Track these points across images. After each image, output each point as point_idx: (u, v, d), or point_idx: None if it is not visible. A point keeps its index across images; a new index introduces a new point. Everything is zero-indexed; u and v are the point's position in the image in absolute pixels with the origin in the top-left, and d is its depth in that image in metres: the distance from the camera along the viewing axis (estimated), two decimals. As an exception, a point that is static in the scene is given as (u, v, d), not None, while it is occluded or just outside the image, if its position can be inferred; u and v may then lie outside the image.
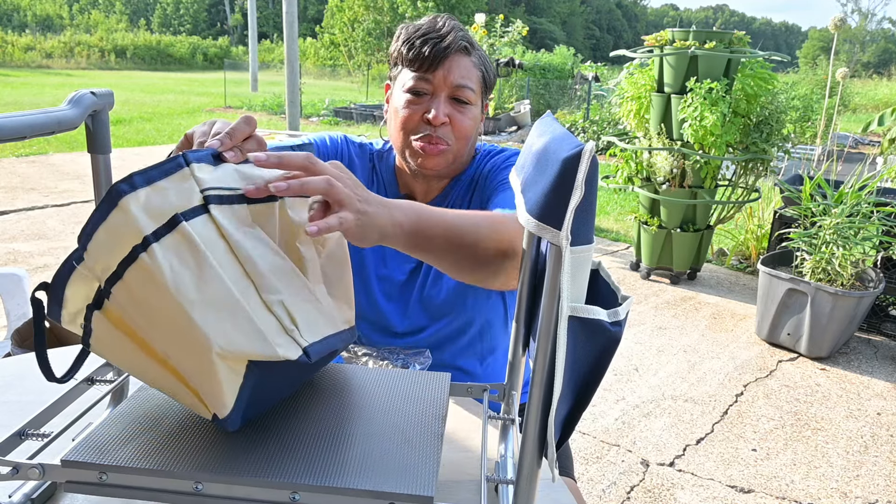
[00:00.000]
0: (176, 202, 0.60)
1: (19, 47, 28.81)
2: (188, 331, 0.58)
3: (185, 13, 54.82)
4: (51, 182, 6.10)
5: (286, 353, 0.61)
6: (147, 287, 0.58)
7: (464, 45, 1.07)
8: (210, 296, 0.58)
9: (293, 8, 7.90)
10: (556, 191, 0.50)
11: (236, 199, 0.64)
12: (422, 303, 1.17)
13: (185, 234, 0.59)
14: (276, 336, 0.61)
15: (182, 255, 0.58)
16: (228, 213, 0.63)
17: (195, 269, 0.58)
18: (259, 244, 0.64)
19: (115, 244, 0.59)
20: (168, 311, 0.58)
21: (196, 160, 0.63)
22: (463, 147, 1.11)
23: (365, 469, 0.61)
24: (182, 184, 0.61)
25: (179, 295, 0.57)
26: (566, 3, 55.78)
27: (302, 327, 0.64)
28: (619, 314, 0.51)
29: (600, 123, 9.64)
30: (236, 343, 0.59)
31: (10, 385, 0.99)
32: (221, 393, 0.60)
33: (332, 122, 12.32)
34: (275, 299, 0.62)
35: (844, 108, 13.96)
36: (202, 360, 0.59)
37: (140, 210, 0.58)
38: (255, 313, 0.60)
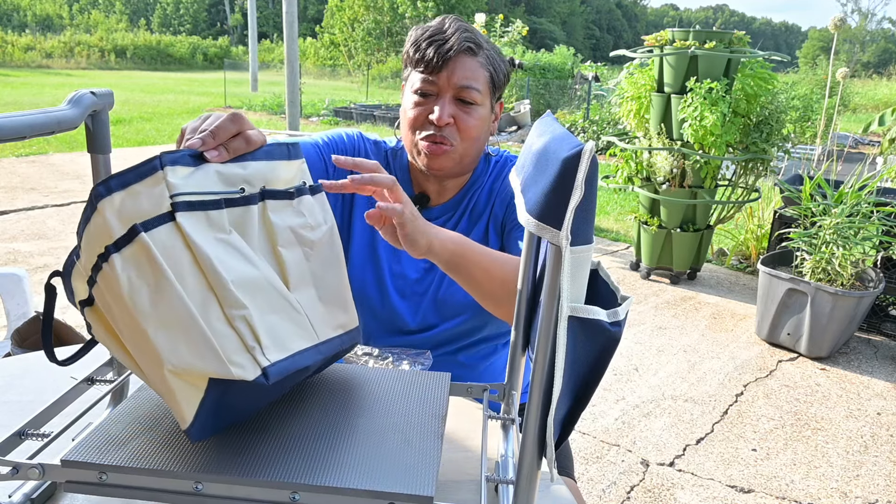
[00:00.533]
0: (146, 208, 0.59)
1: (19, 47, 28.79)
2: (145, 344, 0.58)
3: (185, 13, 54.82)
4: (51, 182, 6.10)
5: (242, 373, 0.59)
6: (111, 296, 0.59)
7: (468, 46, 1.08)
8: (165, 312, 0.57)
9: (293, 8, 7.89)
10: (555, 191, 0.50)
11: (211, 204, 0.62)
12: (436, 302, 1.17)
13: (143, 246, 0.57)
14: (234, 354, 0.59)
15: (141, 267, 0.57)
16: (200, 220, 0.61)
17: (152, 283, 0.57)
18: (230, 253, 0.62)
19: (92, 248, 0.59)
20: (128, 322, 0.58)
21: (171, 162, 0.61)
22: (470, 147, 1.12)
23: (365, 469, 0.61)
24: (154, 188, 0.59)
25: (135, 309, 0.57)
26: (566, 3, 55.77)
27: (266, 344, 0.61)
28: (618, 314, 0.51)
29: (600, 123, 9.63)
30: (188, 362, 0.57)
31: (10, 385, 0.99)
32: (179, 408, 0.59)
33: (332, 121, 12.32)
34: (238, 314, 0.60)
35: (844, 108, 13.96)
36: (159, 374, 0.58)
37: (113, 215, 0.58)
38: (215, 330, 0.59)
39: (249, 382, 0.59)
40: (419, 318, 1.19)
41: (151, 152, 7.92)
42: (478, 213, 1.18)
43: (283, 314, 0.65)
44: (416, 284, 1.18)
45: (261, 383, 0.60)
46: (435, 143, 1.09)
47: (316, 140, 1.15)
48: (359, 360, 1.06)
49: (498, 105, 1.18)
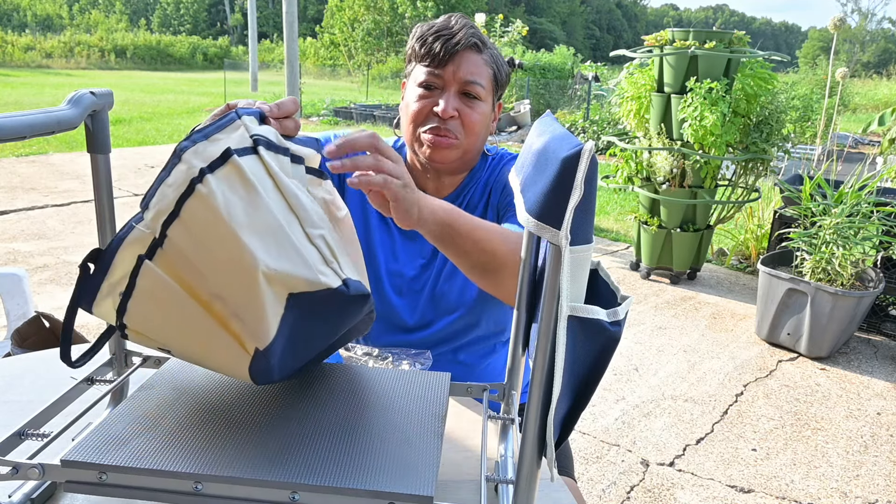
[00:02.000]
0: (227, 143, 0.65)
1: (19, 47, 28.79)
2: (237, 254, 0.61)
3: (185, 13, 54.81)
4: (51, 182, 6.10)
5: (328, 280, 0.63)
6: (202, 217, 0.61)
7: (474, 42, 1.09)
8: (259, 221, 0.62)
9: (293, 8, 7.90)
10: (555, 190, 0.50)
11: (282, 149, 0.69)
12: (433, 298, 1.17)
13: (236, 166, 0.63)
14: (319, 265, 0.64)
15: (233, 184, 0.63)
16: (275, 158, 0.67)
17: (245, 197, 0.62)
18: (301, 190, 0.68)
19: (175, 189, 0.63)
20: (220, 237, 0.61)
21: (246, 114, 0.69)
22: (473, 142, 1.12)
23: (365, 469, 0.61)
24: (234, 133, 0.66)
25: (231, 219, 0.61)
26: (566, 3, 55.78)
27: (342, 262, 0.67)
28: (618, 314, 0.51)
29: (600, 123, 9.63)
30: (282, 265, 0.62)
31: (10, 385, 0.99)
32: (265, 317, 0.62)
33: (332, 121, 12.32)
34: (317, 233, 0.66)
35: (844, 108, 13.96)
36: (249, 281, 0.61)
37: (196, 158, 0.63)
38: (301, 243, 0.64)
39: (325, 300, 0.64)
40: (417, 316, 1.19)
41: (151, 152, 7.93)
42: (472, 206, 1.18)
43: (343, 252, 0.70)
44: (413, 282, 1.18)
45: (342, 292, 0.64)
46: (439, 135, 1.09)
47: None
48: (359, 360, 1.06)
49: (497, 106, 1.18)
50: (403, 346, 1.17)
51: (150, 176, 6.61)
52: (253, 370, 0.63)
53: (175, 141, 9.04)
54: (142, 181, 6.35)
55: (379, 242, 1.18)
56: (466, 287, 1.16)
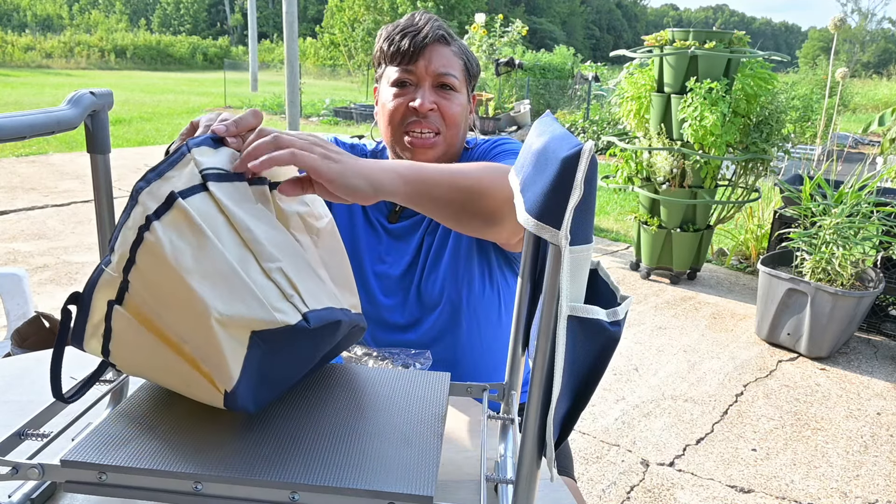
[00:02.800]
0: (179, 185, 0.63)
1: (19, 47, 28.79)
2: (190, 301, 0.60)
3: (185, 13, 54.81)
4: (51, 182, 6.10)
5: (285, 318, 0.61)
6: (153, 264, 0.61)
7: (441, 35, 1.09)
8: (208, 266, 0.60)
9: (293, 8, 7.90)
10: (555, 190, 0.50)
11: (237, 177, 0.67)
12: (419, 295, 1.18)
13: (181, 210, 0.61)
14: (276, 301, 0.62)
15: (181, 230, 0.61)
16: (229, 190, 0.65)
17: (194, 243, 0.61)
18: (261, 219, 0.66)
19: (129, 235, 0.62)
20: (171, 285, 0.60)
21: (196, 145, 0.67)
22: (454, 135, 1.12)
23: (364, 469, 0.61)
24: (184, 169, 0.65)
25: (179, 266, 0.59)
26: (566, 3, 55.78)
27: (303, 293, 0.65)
28: (618, 314, 0.52)
29: (600, 123, 9.63)
30: (234, 308, 0.60)
31: (10, 385, 0.99)
32: (225, 362, 0.60)
33: (332, 121, 12.32)
34: (274, 267, 0.63)
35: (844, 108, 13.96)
36: (204, 328, 0.60)
37: (150, 199, 0.62)
38: (255, 281, 0.62)
39: (290, 336, 0.61)
40: (407, 315, 1.19)
41: (151, 152, 7.92)
42: None
43: (310, 274, 0.68)
44: (401, 280, 1.19)
45: (302, 328, 0.62)
46: (421, 135, 1.09)
47: None
48: (359, 360, 1.06)
49: (472, 98, 1.19)
50: (400, 346, 1.17)
51: (150, 176, 6.62)
52: (228, 406, 0.63)
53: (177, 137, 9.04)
54: (142, 181, 6.35)
55: (365, 245, 1.18)
56: (447, 279, 1.16)
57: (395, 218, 1.20)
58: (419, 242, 1.18)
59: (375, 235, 1.19)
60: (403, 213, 1.20)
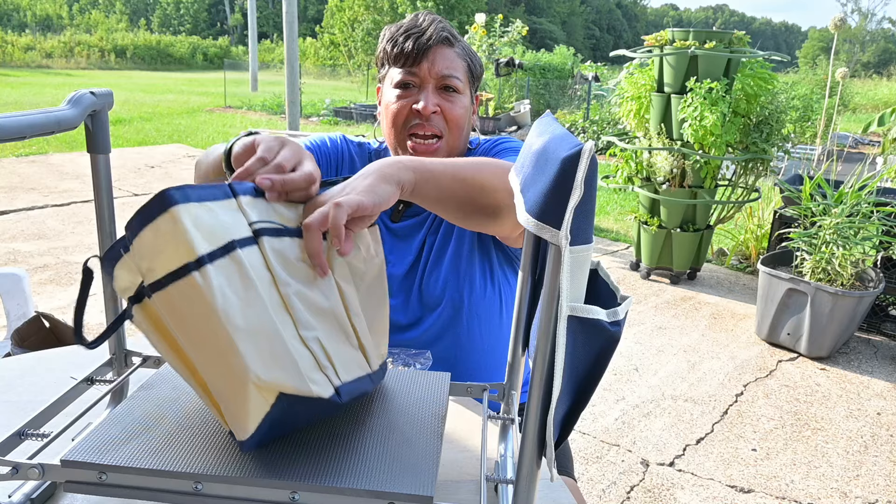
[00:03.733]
0: (229, 227, 0.60)
1: (19, 47, 28.78)
2: (228, 356, 0.57)
3: (185, 13, 54.81)
4: (51, 182, 6.10)
5: (320, 390, 0.61)
6: (192, 304, 0.57)
7: (445, 37, 1.09)
8: (254, 324, 0.58)
9: (293, 8, 7.89)
10: (555, 190, 0.50)
11: (285, 232, 0.65)
12: (420, 295, 1.18)
13: (238, 261, 0.59)
14: (312, 372, 0.61)
15: (232, 279, 0.58)
16: (278, 246, 0.63)
17: (243, 295, 0.58)
18: (304, 279, 0.64)
19: (162, 251, 0.58)
20: (210, 333, 0.57)
21: (242, 192, 0.64)
22: (457, 137, 1.13)
23: (365, 469, 0.61)
24: (230, 211, 0.62)
25: (227, 320, 0.57)
26: (566, 3, 55.77)
27: (337, 365, 0.64)
28: (618, 314, 0.52)
29: (600, 123, 9.63)
30: (274, 375, 0.58)
31: (10, 385, 0.99)
32: (246, 419, 0.59)
33: (332, 121, 12.32)
34: (311, 336, 0.62)
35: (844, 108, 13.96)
36: (236, 386, 0.58)
37: (192, 224, 0.58)
38: (294, 347, 0.60)
39: (317, 401, 0.61)
40: (409, 314, 1.19)
41: (151, 152, 7.92)
42: None
43: (344, 344, 0.67)
44: (404, 280, 1.19)
45: (334, 402, 0.62)
46: (424, 140, 1.09)
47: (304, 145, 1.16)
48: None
49: (475, 98, 1.19)
50: (400, 346, 1.17)
51: (150, 176, 6.61)
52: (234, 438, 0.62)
53: (175, 141, 9.04)
54: (142, 181, 6.35)
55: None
56: (448, 278, 1.16)
57: (398, 217, 1.20)
58: (422, 242, 1.18)
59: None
60: (406, 213, 1.20)
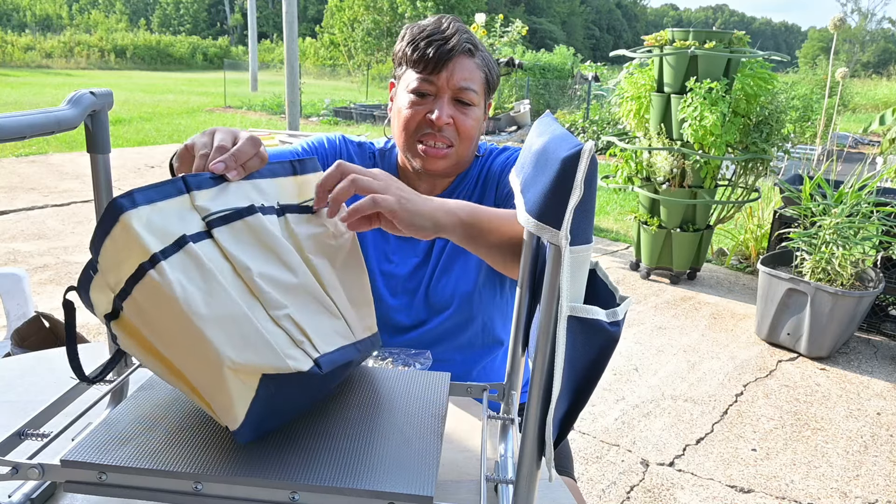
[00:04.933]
0: (178, 223, 0.61)
1: (19, 47, 28.78)
2: (199, 346, 0.58)
3: (185, 13, 54.80)
4: (51, 182, 6.10)
5: (297, 364, 0.61)
6: (156, 303, 0.58)
7: (468, 48, 1.08)
8: (219, 311, 0.59)
9: (293, 8, 7.89)
10: (555, 190, 0.50)
11: (245, 211, 0.66)
12: (427, 297, 1.17)
13: (191, 253, 0.60)
14: (287, 348, 0.61)
15: (189, 272, 0.59)
16: (232, 233, 0.64)
17: (203, 286, 0.59)
18: (267, 260, 0.65)
19: (121, 260, 0.59)
20: (178, 327, 0.58)
21: (196, 186, 0.65)
22: (466, 148, 1.12)
23: (365, 469, 0.61)
24: (182, 207, 0.63)
25: (190, 311, 0.58)
26: (566, 3, 55.76)
27: (314, 338, 0.64)
28: (617, 314, 0.52)
29: (600, 123, 9.63)
30: (247, 357, 0.59)
31: (10, 385, 0.99)
32: (232, 406, 0.60)
33: (332, 121, 12.32)
34: (281, 314, 0.63)
35: (844, 108, 13.96)
36: (213, 374, 0.59)
37: (143, 228, 0.59)
38: (266, 328, 0.61)
39: (299, 377, 0.61)
40: (413, 316, 1.19)
41: (151, 152, 7.92)
42: (465, 199, 1.18)
43: (321, 316, 0.67)
44: (408, 281, 1.18)
45: (314, 373, 0.62)
46: (434, 146, 1.09)
47: (296, 148, 1.16)
48: (359, 360, 1.06)
49: (487, 105, 1.18)
50: (400, 346, 1.17)
51: (150, 176, 6.61)
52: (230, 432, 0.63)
53: (175, 141, 9.04)
54: (141, 181, 6.35)
55: (372, 244, 1.18)
56: (459, 284, 1.16)
57: None
58: (429, 244, 1.18)
59: (382, 234, 1.18)
60: None
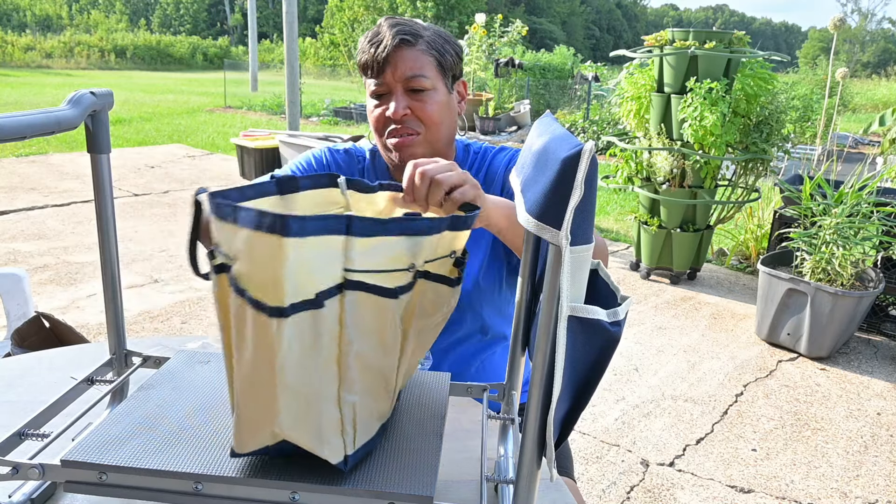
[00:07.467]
0: (322, 272, 0.56)
1: (19, 47, 28.76)
2: (264, 394, 0.58)
3: (185, 13, 54.80)
4: (51, 182, 6.10)
5: (331, 454, 0.61)
6: (257, 336, 0.56)
7: (402, 39, 1.09)
8: (300, 385, 0.57)
9: (293, 8, 7.89)
10: (555, 191, 0.50)
11: (379, 290, 0.60)
12: None
13: (316, 318, 0.57)
14: (332, 435, 0.61)
15: (304, 336, 0.56)
16: (358, 302, 0.59)
17: (306, 352, 0.57)
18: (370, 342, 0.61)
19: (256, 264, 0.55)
20: (261, 370, 0.57)
21: (360, 233, 0.57)
22: (436, 132, 1.13)
23: (365, 469, 0.61)
24: (332, 250, 0.56)
25: (281, 373, 0.56)
26: (566, 3, 55.76)
27: (359, 431, 0.63)
28: (618, 314, 0.52)
29: (600, 123, 9.63)
30: (295, 432, 0.59)
31: (10, 385, 0.99)
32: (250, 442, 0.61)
33: (331, 121, 12.32)
34: (350, 399, 0.61)
35: (844, 108, 13.96)
36: (258, 420, 0.59)
37: (292, 264, 0.54)
38: (327, 408, 0.60)
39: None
40: None
41: (151, 152, 7.92)
42: None
43: (377, 400, 0.66)
44: None
45: (338, 468, 0.62)
46: (399, 136, 1.11)
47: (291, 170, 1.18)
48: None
49: (460, 84, 1.19)
50: None
51: (150, 176, 6.61)
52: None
53: (175, 141, 9.04)
54: (142, 181, 6.35)
55: None
56: (468, 289, 1.16)
57: None
58: None
59: None
60: None
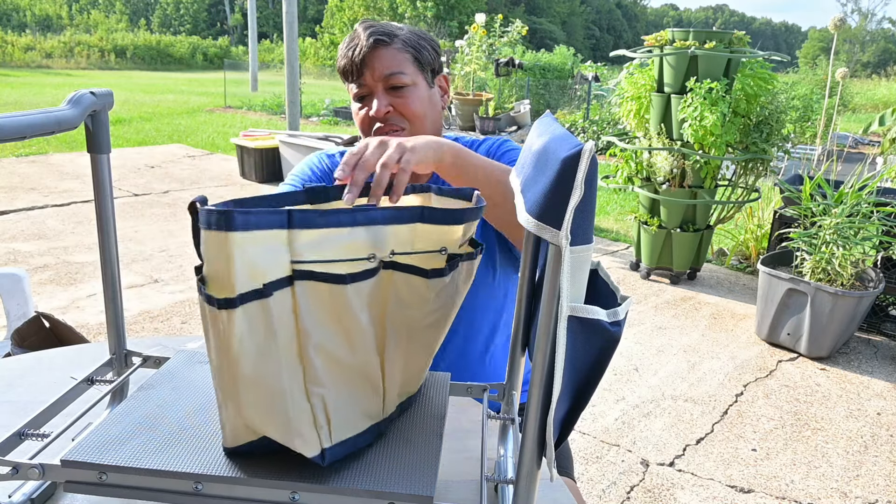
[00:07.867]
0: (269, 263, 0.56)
1: (19, 47, 28.75)
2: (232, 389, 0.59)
3: (185, 13, 54.79)
4: (51, 182, 6.10)
5: (303, 446, 0.60)
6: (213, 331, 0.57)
7: (376, 40, 1.11)
8: (261, 375, 0.57)
9: (293, 8, 7.89)
10: (555, 190, 0.50)
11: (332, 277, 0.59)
12: None
13: (266, 308, 0.56)
14: (304, 427, 0.60)
15: (255, 327, 0.56)
16: (312, 293, 0.58)
17: (261, 345, 0.57)
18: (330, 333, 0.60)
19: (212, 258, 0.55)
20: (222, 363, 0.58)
21: (301, 224, 0.57)
22: (420, 126, 1.14)
23: (365, 469, 0.61)
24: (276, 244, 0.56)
25: (238, 366, 0.57)
26: (566, 3, 55.75)
27: (334, 425, 0.62)
28: (618, 314, 0.52)
29: (600, 123, 9.63)
30: (263, 425, 0.60)
31: (10, 385, 0.99)
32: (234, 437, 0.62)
33: (332, 121, 12.32)
34: (317, 391, 0.60)
35: (844, 108, 13.96)
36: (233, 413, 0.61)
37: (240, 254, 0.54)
38: (294, 401, 0.59)
39: None
40: None
41: (151, 152, 7.92)
42: None
43: (359, 397, 0.64)
44: None
45: (315, 462, 0.62)
46: (385, 134, 1.12)
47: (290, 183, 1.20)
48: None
49: (441, 78, 1.20)
50: None
51: (150, 176, 6.61)
52: None
53: (175, 141, 9.04)
54: (142, 181, 6.35)
55: None
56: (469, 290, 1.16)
57: None
58: None
59: None
60: None
